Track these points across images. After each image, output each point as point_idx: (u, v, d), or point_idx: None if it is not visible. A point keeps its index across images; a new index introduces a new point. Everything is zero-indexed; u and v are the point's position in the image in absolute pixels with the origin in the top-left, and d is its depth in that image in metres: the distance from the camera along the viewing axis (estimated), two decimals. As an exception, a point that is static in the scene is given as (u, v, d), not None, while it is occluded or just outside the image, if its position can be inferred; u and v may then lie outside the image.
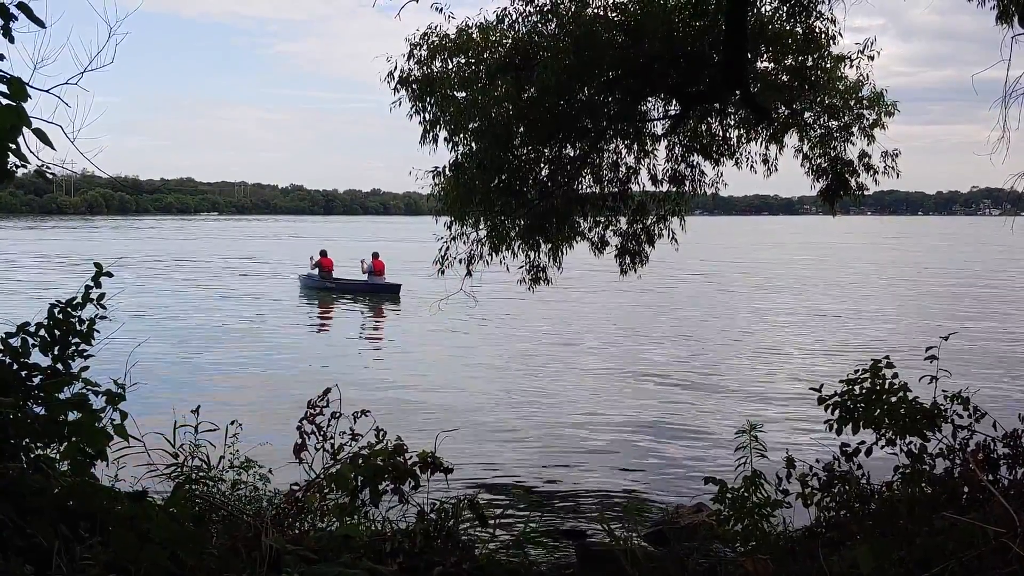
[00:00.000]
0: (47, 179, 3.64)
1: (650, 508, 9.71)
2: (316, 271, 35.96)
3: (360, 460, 5.06)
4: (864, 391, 5.71)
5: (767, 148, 11.19)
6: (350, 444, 5.64)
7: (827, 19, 10.02)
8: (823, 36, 10.15)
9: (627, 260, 11.79)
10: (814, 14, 9.94)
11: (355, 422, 5.79)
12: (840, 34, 10.17)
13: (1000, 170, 8.13)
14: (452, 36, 10.14)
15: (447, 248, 11.05)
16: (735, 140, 11.32)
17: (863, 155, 10.94)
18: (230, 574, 3.35)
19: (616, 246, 11.78)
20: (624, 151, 11.44)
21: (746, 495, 5.74)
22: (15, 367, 3.84)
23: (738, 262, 58.25)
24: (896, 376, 5.74)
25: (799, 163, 11.16)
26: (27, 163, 3.06)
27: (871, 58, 10.56)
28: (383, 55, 10.33)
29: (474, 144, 10.20)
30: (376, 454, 5.07)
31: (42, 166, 3.43)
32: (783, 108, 10.85)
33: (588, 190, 11.51)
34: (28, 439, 3.54)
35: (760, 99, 10.29)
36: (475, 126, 10.04)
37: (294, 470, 5.97)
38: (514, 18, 10.02)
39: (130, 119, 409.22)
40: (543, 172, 10.94)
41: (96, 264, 4.34)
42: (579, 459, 12.49)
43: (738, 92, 9.99)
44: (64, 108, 3.56)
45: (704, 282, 42.43)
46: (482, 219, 10.81)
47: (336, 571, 3.66)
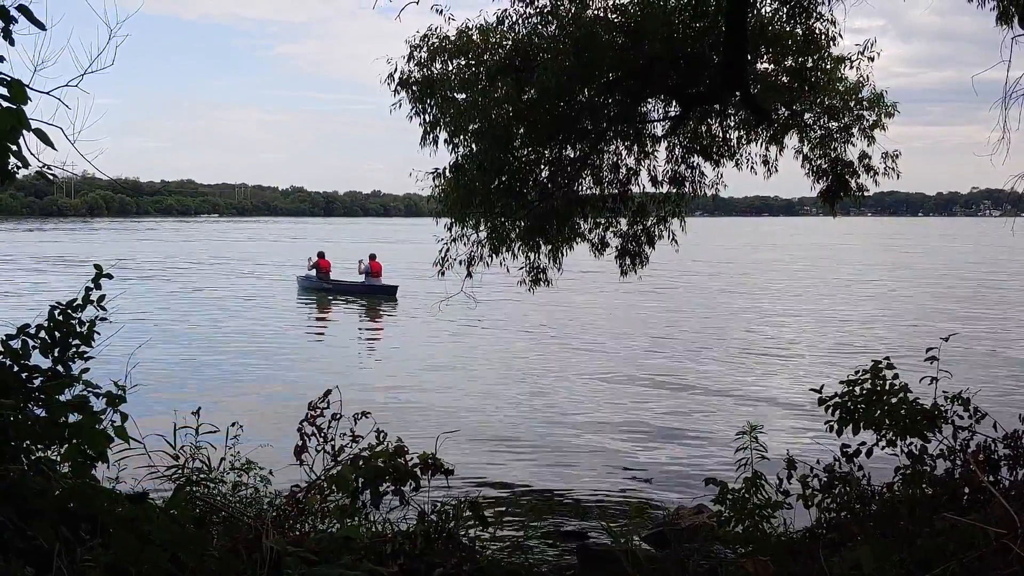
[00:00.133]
0: (48, 180, 3.65)
1: (651, 509, 9.71)
2: (314, 272, 36.08)
3: (361, 462, 5.04)
4: (864, 392, 5.71)
5: (767, 149, 11.18)
6: (351, 446, 5.63)
7: (827, 20, 10.01)
8: (823, 37, 10.14)
9: (627, 261, 11.78)
10: (814, 15, 9.93)
11: (356, 424, 5.79)
12: (840, 35, 10.16)
13: (1000, 171, 8.12)
14: (452, 38, 10.13)
15: (447, 249, 11.06)
16: (735, 141, 11.31)
17: (863, 156, 10.93)
18: (231, 576, 3.36)
19: (616, 247, 11.77)
20: (624, 152, 11.44)
21: (747, 496, 5.75)
22: (15, 369, 3.84)
23: (738, 263, 58.26)
24: (896, 377, 5.73)
25: (799, 164, 11.16)
26: (27, 165, 3.06)
27: (871, 59, 10.56)
28: (383, 57, 10.32)
29: (474, 146, 10.20)
30: (377, 456, 5.06)
31: (43, 168, 3.43)
32: (783, 109, 10.84)
33: (588, 191, 11.50)
34: (29, 441, 3.54)
35: (760, 100, 10.28)
36: (475, 128, 10.04)
37: (295, 472, 5.97)
38: (514, 20, 10.02)
39: (130, 121, 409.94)
40: (543, 173, 10.94)
41: (96, 266, 4.34)
42: (579, 460, 12.49)
43: (738, 93, 9.99)
44: (64, 110, 3.57)
45: (704, 283, 42.42)
46: (482, 220, 10.81)
47: (337, 573, 3.66)
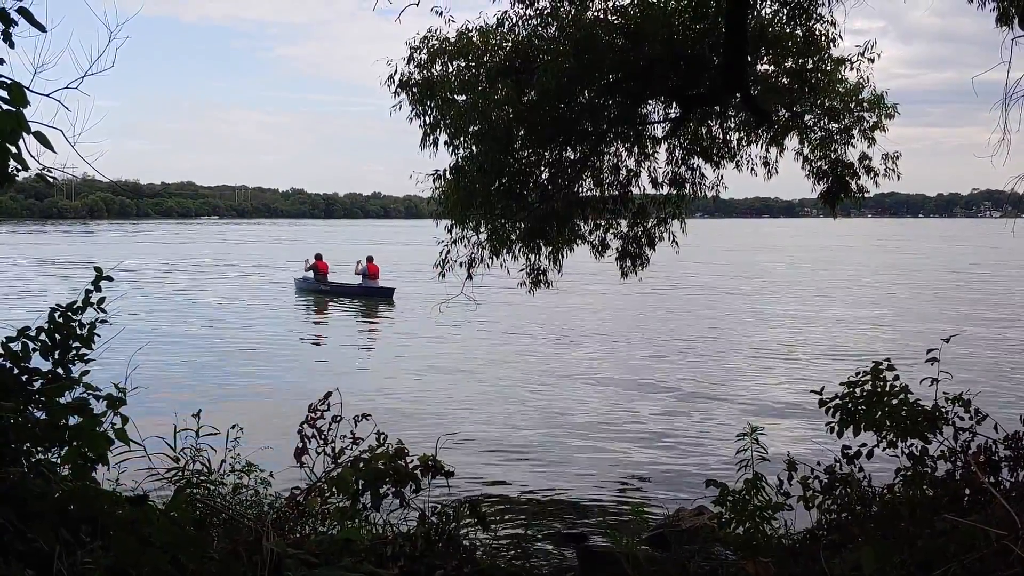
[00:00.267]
0: (48, 183, 3.64)
1: (651, 511, 9.70)
2: (311, 274, 36.17)
3: (361, 464, 5.05)
4: (865, 393, 5.71)
5: (767, 151, 11.19)
6: (351, 448, 5.64)
7: (827, 22, 10.01)
8: (823, 39, 10.14)
9: (628, 263, 11.79)
10: (814, 16, 9.93)
11: (356, 426, 5.79)
12: (840, 36, 10.17)
13: (1001, 172, 8.15)
14: (452, 39, 10.14)
15: (447, 251, 11.06)
16: (735, 143, 11.32)
17: (863, 157, 10.94)
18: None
19: (616, 249, 11.78)
20: (624, 154, 11.45)
21: (747, 498, 5.74)
22: (16, 371, 3.84)
23: (738, 264, 58.24)
24: (897, 378, 5.73)
25: (799, 165, 11.17)
26: (27, 168, 3.06)
27: (871, 60, 10.58)
28: (383, 58, 10.32)
29: (474, 147, 10.20)
30: (377, 458, 5.06)
31: (43, 170, 3.43)
32: (783, 111, 10.85)
33: (588, 193, 11.51)
34: (29, 443, 3.54)
35: (760, 102, 10.29)
36: (475, 129, 10.04)
37: (295, 474, 5.97)
38: (514, 21, 10.03)
39: (130, 123, 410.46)
40: (543, 175, 10.95)
41: (96, 268, 4.34)
42: (580, 462, 12.48)
43: (738, 95, 9.99)
44: (64, 112, 3.57)
45: (704, 284, 42.41)
46: (482, 222, 10.81)
47: (337, 575, 3.66)
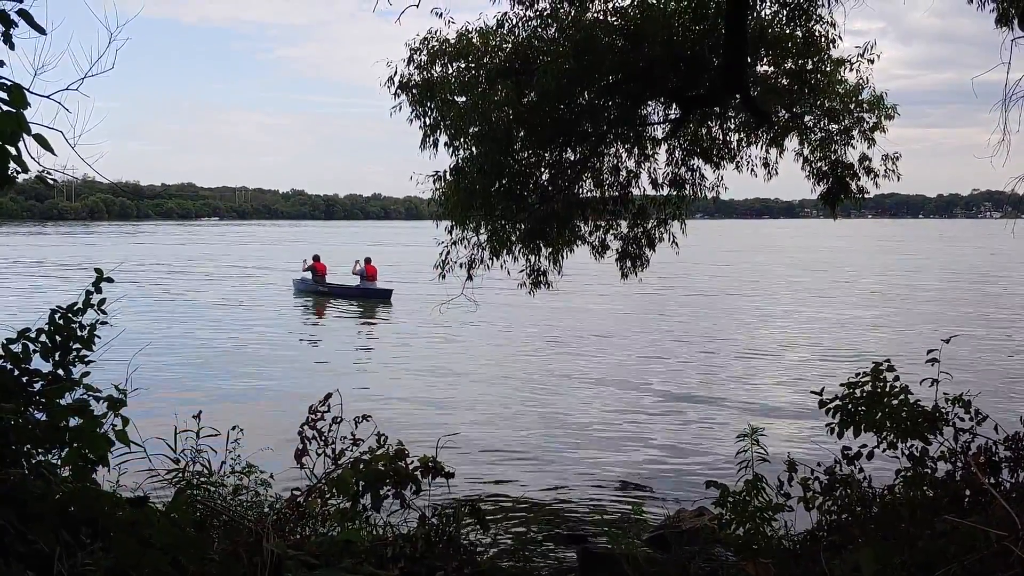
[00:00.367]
0: (48, 185, 3.64)
1: (651, 512, 9.70)
2: (309, 275, 36.24)
3: (361, 465, 5.05)
4: (865, 394, 5.71)
5: (767, 151, 11.19)
6: (351, 449, 5.64)
7: (827, 22, 10.00)
8: (823, 39, 10.14)
9: (628, 264, 11.78)
10: (814, 17, 9.93)
11: (356, 427, 5.79)
12: (840, 37, 10.16)
13: (1001, 173, 8.13)
14: (452, 41, 10.14)
15: (448, 252, 11.07)
16: (735, 144, 11.32)
17: (863, 158, 10.93)
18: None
19: (617, 250, 11.78)
20: (624, 155, 11.45)
21: (748, 499, 5.74)
22: (16, 373, 3.84)
23: (738, 265, 58.24)
24: (897, 379, 5.73)
25: (799, 166, 11.16)
26: (27, 170, 3.06)
27: (871, 61, 10.58)
28: (383, 60, 10.32)
29: (474, 148, 10.21)
30: (377, 459, 5.06)
31: (43, 172, 3.43)
32: (783, 111, 10.85)
33: (589, 194, 11.51)
34: (29, 445, 3.54)
35: (760, 103, 10.29)
36: (475, 130, 10.04)
37: (295, 475, 5.97)
38: (514, 23, 10.03)
39: (131, 124, 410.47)
40: (544, 176, 10.95)
41: (97, 269, 4.33)
42: (580, 463, 12.48)
43: (738, 96, 9.99)
44: (65, 114, 3.57)
45: (704, 285, 42.42)
46: (482, 223, 10.81)
47: (337, 576, 3.66)
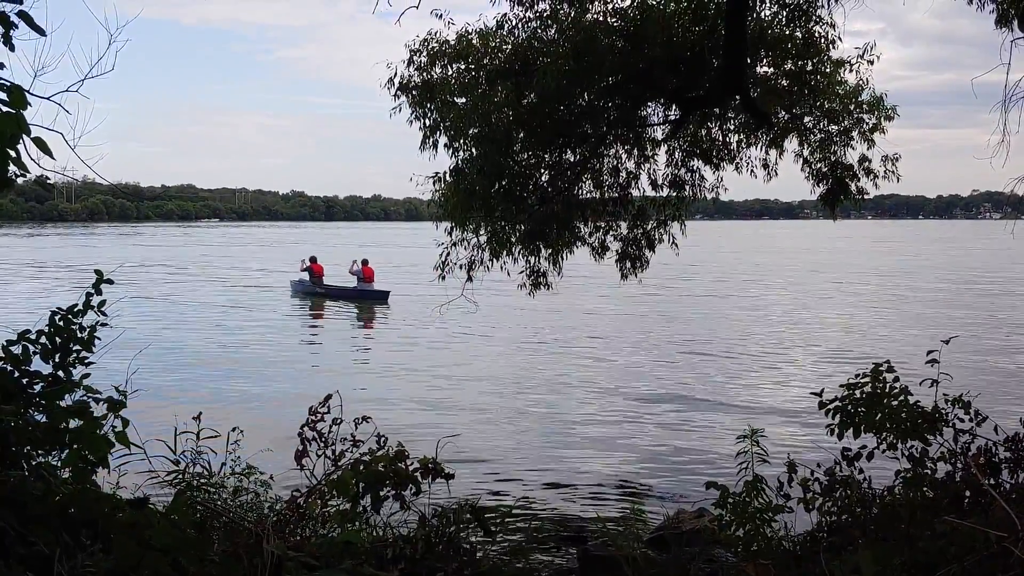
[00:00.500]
0: (47, 188, 3.65)
1: (651, 513, 9.70)
2: (307, 275, 36.30)
3: (361, 466, 5.04)
4: (865, 395, 5.70)
5: (767, 153, 11.20)
6: (351, 450, 5.63)
7: (826, 24, 10.02)
8: (823, 41, 10.15)
9: (627, 265, 11.79)
10: (813, 19, 9.94)
11: (356, 428, 5.79)
12: (840, 38, 10.17)
13: (1000, 173, 8.10)
14: (452, 42, 10.15)
15: (447, 253, 11.07)
16: (735, 145, 11.34)
17: (863, 159, 10.94)
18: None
19: (616, 251, 11.78)
20: (624, 156, 11.46)
21: (748, 500, 5.74)
22: (16, 375, 3.84)
23: (738, 266, 58.24)
24: (897, 380, 5.72)
25: (799, 167, 11.17)
26: (27, 171, 3.07)
27: (871, 62, 10.58)
28: (383, 61, 10.34)
29: (474, 150, 10.22)
30: (377, 460, 5.06)
31: (42, 175, 3.44)
32: (783, 113, 10.85)
33: (588, 195, 11.52)
34: (29, 447, 3.55)
35: (760, 104, 10.29)
36: (475, 132, 10.05)
37: (295, 476, 5.97)
38: (514, 24, 10.04)
39: (131, 125, 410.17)
40: (543, 177, 10.96)
41: (96, 271, 4.34)
42: (580, 464, 12.48)
43: (738, 97, 10.00)
44: (64, 115, 3.58)
45: (704, 286, 42.42)
46: (482, 224, 10.82)
47: (337, 577, 3.66)
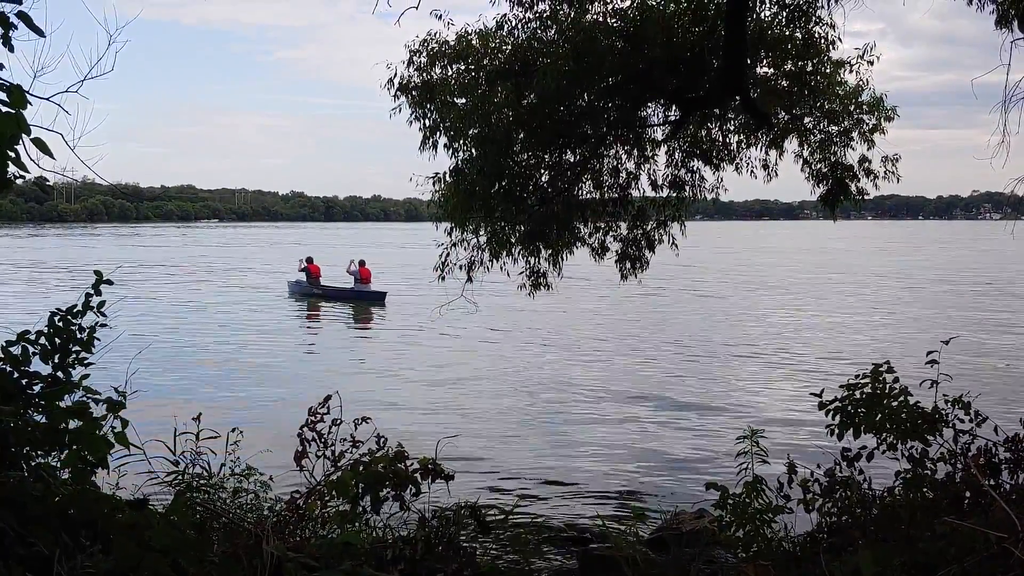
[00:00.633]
0: (46, 189, 3.66)
1: (651, 514, 9.69)
2: (304, 276, 36.38)
3: (361, 467, 5.04)
4: (865, 396, 5.70)
5: (767, 153, 11.18)
6: (351, 451, 5.63)
7: (826, 24, 10.00)
8: (823, 41, 10.14)
9: (627, 265, 11.78)
10: (813, 19, 9.93)
11: (356, 429, 5.79)
12: (840, 39, 10.15)
13: (1000, 174, 8.10)
14: (452, 43, 10.14)
15: (447, 254, 11.06)
16: (735, 145, 11.32)
17: (863, 160, 10.92)
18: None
19: (616, 252, 11.77)
20: (624, 157, 11.45)
21: (747, 501, 5.73)
22: (15, 375, 3.84)
23: (738, 267, 58.26)
24: (897, 380, 5.72)
25: (799, 168, 11.16)
26: (27, 172, 3.07)
27: (871, 63, 10.57)
28: (383, 62, 10.33)
29: (474, 150, 10.21)
30: (377, 461, 5.05)
31: (42, 176, 3.44)
32: (783, 113, 10.85)
33: (588, 196, 11.51)
34: (29, 447, 3.54)
35: (760, 104, 10.29)
36: (475, 132, 10.04)
37: (295, 477, 5.97)
38: (513, 24, 10.03)
39: (130, 126, 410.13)
40: (543, 178, 10.95)
41: (96, 272, 4.33)
42: (580, 465, 12.48)
43: (738, 97, 9.99)
44: (64, 116, 3.58)
45: (704, 287, 42.42)
46: (482, 225, 10.82)
47: (337, 578, 3.65)
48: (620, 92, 10.05)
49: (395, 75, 10.21)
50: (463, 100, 10.12)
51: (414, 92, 10.22)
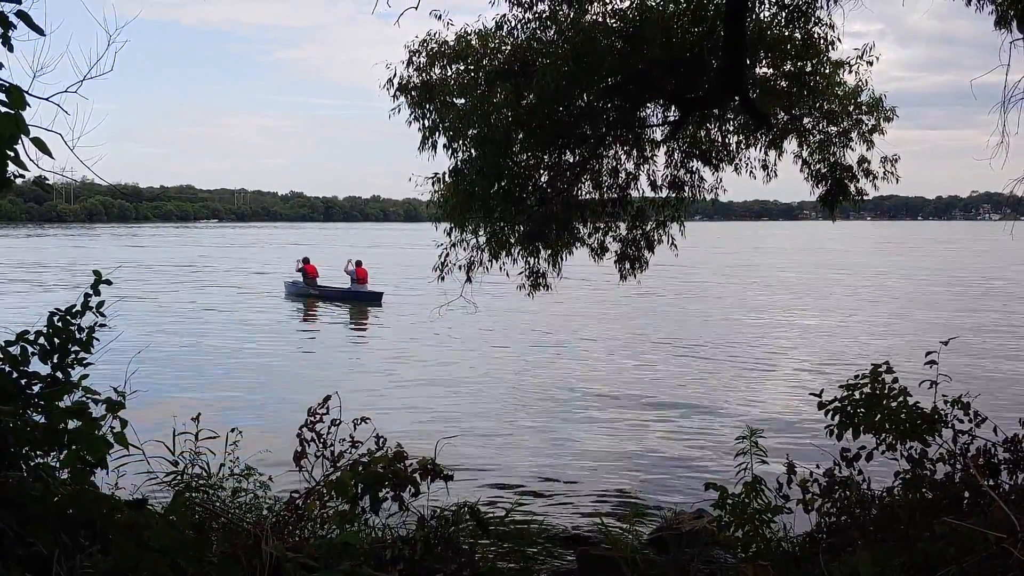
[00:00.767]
0: (45, 189, 3.66)
1: (651, 514, 9.70)
2: (300, 277, 36.41)
3: (360, 467, 5.04)
4: (864, 396, 5.70)
5: (766, 154, 11.19)
6: (350, 451, 5.63)
7: (826, 24, 10.00)
8: (822, 42, 10.14)
9: (627, 266, 11.77)
10: (813, 20, 9.93)
11: (355, 429, 5.79)
12: (839, 39, 10.16)
13: (1000, 174, 8.10)
14: (451, 43, 10.14)
15: (447, 254, 11.06)
16: (734, 146, 11.32)
17: (862, 160, 10.92)
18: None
19: (616, 252, 11.76)
20: (623, 157, 11.44)
21: (747, 501, 5.74)
22: (15, 375, 3.84)
23: (738, 267, 58.26)
24: (896, 381, 5.73)
25: (798, 168, 11.16)
26: (26, 172, 3.07)
27: (870, 63, 10.57)
28: (382, 62, 10.31)
29: (473, 150, 10.20)
30: (376, 461, 5.05)
31: (41, 176, 3.44)
32: (782, 114, 10.85)
33: (587, 196, 11.49)
34: (28, 447, 3.54)
35: (759, 105, 10.29)
36: (474, 132, 10.04)
37: (294, 477, 5.97)
38: (513, 25, 10.02)
39: (130, 126, 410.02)
40: (542, 178, 10.94)
41: (95, 272, 4.33)
42: (579, 466, 12.48)
43: (737, 98, 9.99)
44: (64, 116, 3.58)
45: (704, 287, 42.43)
46: (482, 225, 10.81)
47: (336, 579, 3.65)
48: (619, 92, 10.05)
49: (394, 75, 10.22)
50: (462, 100, 10.11)
51: (413, 92, 10.22)
